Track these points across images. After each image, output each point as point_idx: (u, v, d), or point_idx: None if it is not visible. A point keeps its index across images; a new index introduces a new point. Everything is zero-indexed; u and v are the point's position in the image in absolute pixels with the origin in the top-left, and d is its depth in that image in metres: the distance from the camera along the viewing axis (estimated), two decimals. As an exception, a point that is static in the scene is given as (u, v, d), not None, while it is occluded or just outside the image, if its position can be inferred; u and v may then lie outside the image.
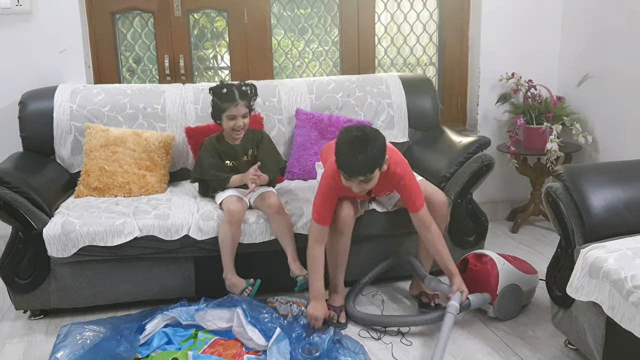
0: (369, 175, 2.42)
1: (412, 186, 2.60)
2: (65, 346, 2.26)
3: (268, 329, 2.39)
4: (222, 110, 2.88)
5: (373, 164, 2.41)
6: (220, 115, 2.90)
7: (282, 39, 3.91)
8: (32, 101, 3.22)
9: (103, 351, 2.23)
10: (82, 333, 2.35)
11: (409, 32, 4.04)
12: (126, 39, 3.73)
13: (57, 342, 2.31)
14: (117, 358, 2.23)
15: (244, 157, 2.98)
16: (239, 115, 2.87)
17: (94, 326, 2.42)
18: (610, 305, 1.93)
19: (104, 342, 2.29)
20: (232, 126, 2.87)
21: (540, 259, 3.31)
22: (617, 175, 2.33)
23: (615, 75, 3.53)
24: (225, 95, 2.87)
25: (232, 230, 2.71)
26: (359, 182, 2.43)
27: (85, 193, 3.04)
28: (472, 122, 4.08)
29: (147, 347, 2.40)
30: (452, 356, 2.42)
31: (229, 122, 2.87)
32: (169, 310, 2.55)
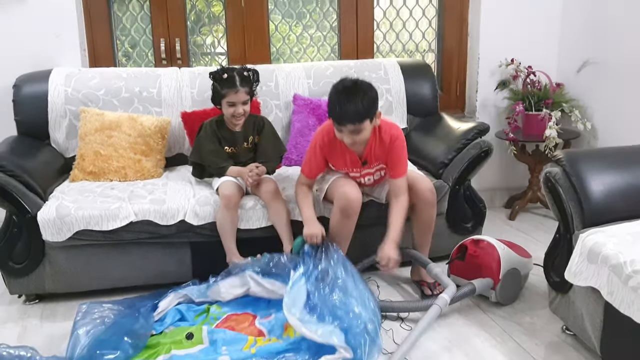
0: (358, 125, 2.45)
1: (402, 154, 2.64)
2: (86, 323, 2.28)
3: (284, 275, 2.41)
4: (221, 96, 2.81)
5: (362, 113, 2.44)
6: (219, 101, 2.84)
7: (279, 23, 3.87)
8: (27, 85, 3.19)
9: (121, 327, 2.26)
10: (101, 311, 2.39)
11: (408, 17, 4.00)
12: (122, 22, 3.69)
13: (77, 319, 2.34)
14: (134, 334, 2.26)
15: (245, 143, 2.94)
16: (239, 102, 2.80)
17: (111, 305, 2.47)
18: (609, 290, 1.91)
19: (122, 319, 2.32)
20: (231, 113, 2.81)
21: (537, 245, 3.29)
22: (616, 161, 2.32)
23: (615, 61, 3.51)
24: (225, 80, 2.80)
25: (229, 214, 2.69)
26: (349, 131, 2.47)
27: (80, 177, 3.01)
28: (470, 109, 4.06)
29: (160, 324, 2.43)
30: (448, 342, 2.41)
31: (228, 108, 2.81)
32: (181, 289, 2.58)
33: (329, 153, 2.69)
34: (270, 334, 2.36)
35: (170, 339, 2.31)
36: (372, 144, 2.63)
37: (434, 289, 2.79)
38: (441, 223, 3.05)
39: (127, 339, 2.20)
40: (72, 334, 2.24)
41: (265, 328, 2.39)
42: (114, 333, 2.21)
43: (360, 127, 2.46)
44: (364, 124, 2.47)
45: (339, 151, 2.65)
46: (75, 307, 2.71)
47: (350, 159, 2.68)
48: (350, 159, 2.68)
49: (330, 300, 2.25)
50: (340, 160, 2.70)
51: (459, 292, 2.56)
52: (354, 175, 2.76)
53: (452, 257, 2.80)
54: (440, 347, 2.38)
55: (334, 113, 2.49)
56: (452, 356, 2.32)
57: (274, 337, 2.34)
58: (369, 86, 2.51)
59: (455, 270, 2.77)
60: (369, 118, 2.47)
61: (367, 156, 2.67)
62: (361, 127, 2.47)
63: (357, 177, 2.76)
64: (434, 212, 2.75)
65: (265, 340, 2.32)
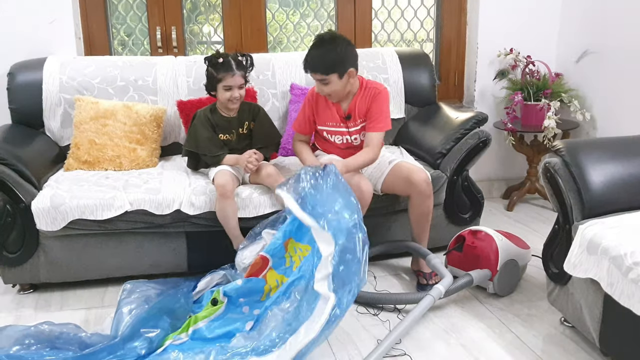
0: (323, 76, 2.54)
1: (382, 107, 2.69)
2: (130, 302, 2.36)
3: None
4: (217, 80, 2.80)
5: (327, 65, 2.53)
6: (215, 85, 2.82)
7: (276, 12, 3.83)
8: (21, 72, 3.15)
9: (162, 307, 2.31)
10: (144, 290, 2.47)
11: (407, 6, 3.97)
12: (117, 10, 3.64)
13: (122, 297, 2.42)
14: (174, 314, 2.31)
15: (240, 129, 2.92)
16: (236, 85, 2.79)
17: (154, 284, 2.55)
18: (609, 282, 1.90)
19: (164, 299, 2.38)
20: (228, 97, 2.80)
21: (535, 236, 3.28)
22: (616, 151, 2.30)
23: (614, 51, 3.48)
24: (221, 65, 2.80)
25: (227, 203, 2.66)
26: (317, 81, 2.60)
27: (74, 166, 2.98)
28: (469, 99, 4.03)
29: (198, 306, 2.45)
30: (446, 333, 2.40)
31: (225, 92, 2.80)
32: (220, 270, 2.62)
33: (316, 107, 2.78)
34: (274, 260, 2.37)
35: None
36: (356, 98, 2.71)
37: (430, 279, 2.78)
38: (439, 214, 3.03)
39: (167, 318, 2.26)
40: (117, 311, 2.32)
41: (268, 254, 2.38)
42: (156, 312, 2.27)
43: (326, 78, 2.56)
44: (329, 76, 2.55)
45: (325, 104, 2.74)
46: (69, 297, 2.73)
47: (336, 113, 2.75)
48: (335, 113, 2.75)
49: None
50: (327, 113, 2.77)
51: (457, 283, 2.54)
52: (342, 132, 2.78)
53: (449, 248, 2.79)
54: (437, 338, 2.37)
55: (304, 61, 2.61)
56: (450, 347, 2.31)
57: (283, 275, 2.35)
58: (344, 42, 2.57)
59: (453, 261, 2.75)
60: (336, 72, 2.54)
61: (350, 110, 2.72)
62: (327, 79, 2.56)
63: (344, 133, 2.78)
64: (431, 203, 2.74)
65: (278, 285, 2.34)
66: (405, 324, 2.32)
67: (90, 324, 2.50)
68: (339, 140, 2.83)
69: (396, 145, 3.44)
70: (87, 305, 2.67)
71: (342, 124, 2.78)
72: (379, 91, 2.70)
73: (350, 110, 2.74)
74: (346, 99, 2.75)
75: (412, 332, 2.40)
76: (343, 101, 2.76)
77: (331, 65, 2.54)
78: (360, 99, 2.72)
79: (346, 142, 2.82)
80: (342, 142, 2.83)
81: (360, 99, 2.71)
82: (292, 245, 2.37)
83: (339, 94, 2.66)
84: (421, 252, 2.78)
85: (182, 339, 2.20)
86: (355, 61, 2.64)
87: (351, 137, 2.80)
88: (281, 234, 2.38)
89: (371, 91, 2.70)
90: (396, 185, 2.76)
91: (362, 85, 2.74)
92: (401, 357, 2.24)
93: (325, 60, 2.53)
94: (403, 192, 2.77)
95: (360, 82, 2.76)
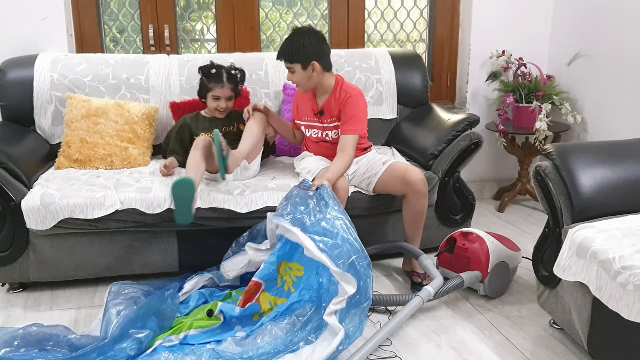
0: (288, 64, 2.70)
1: (354, 112, 2.74)
2: (118, 303, 2.37)
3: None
4: (208, 89, 2.97)
5: (292, 54, 2.67)
6: (205, 94, 3.00)
7: (270, 11, 3.83)
8: (12, 70, 3.13)
9: (150, 308, 2.31)
10: (132, 291, 2.49)
11: (400, 6, 3.97)
12: (110, 7, 3.63)
13: (109, 299, 2.43)
14: (161, 315, 2.31)
15: (228, 127, 3.02)
16: (224, 97, 2.96)
17: (141, 285, 2.57)
18: (598, 285, 1.91)
19: (152, 300, 2.38)
20: (215, 106, 2.98)
21: (526, 238, 3.30)
22: (607, 156, 2.31)
23: (606, 55, 3.50)
24: (213, 75, 2.97)
25: (199, 154, 2.65)
26: (287, 68, 2.74)
27: (65, 165, 2.97)
28: (461, 100, 4.04)
29: (185, 306, 2.48)
30: (436, 334, 2.41)
31: (213, 102, 2.98)
32: (206, 272, 2.65)
33: (300, 98, 2.94)
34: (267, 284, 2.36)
35: (192, 317, 2.37)
36: (331, 98, 2.79)
37: (424, 280, 2.78)
38: (430, 215, 3.04)
39: (155, 319, 2.26)
40: (105, 313, 2.32)
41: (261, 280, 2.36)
42: (145, 313, 2.27)
43: (291, 67, 2.71)
44: (294, 65, 2.70)
45: (306, 99, 2.88)
46: (59, 297, 2.72)
47: (311, 107, 2.86)
48: (310, 107, 2.87)
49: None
50: (305, 107, 2.90)
51: (448, 285, 2.55)
52: (317, 126, 2.87)
53: (441, 249, 2.79)
54: (427, 339, 2.37)
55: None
56: (440, 349, 2.32)
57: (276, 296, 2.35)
58: (314, 36, 2.70)
59: (444, 263, 2.76)
60: (299, 62, 2.69)
61: (324, 107, 2.82)
62: (292, 67, 2.71)
63: (319, 128, 2.87)
64: (426, 202, 2.75)
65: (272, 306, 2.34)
66: (392, 324, 2.32)
67: (80, 324, 2.49)
68: (314, 135, 2.90)
69: (388, 146, 3.44)
70: (77, 305, 2.66)
71: (316, 119, 2.86)
72: (350, 96, 2.76)
73: (324, 107, 2.82)
74: (322, 94, 2.82)
75: (402, 333, 2.41)
76: (319, 97, 2.84)
77: (295, 54, 2.68)
78: (334, 99, 2.79)
79: (320, 137, 2.89)
80: (317, 136, 2.90)
81: (334, 99, 2.79)
82: (284, 266, 2.37)
83: (304, 84, 2.76)
84: (414, 252, 2.79)
85: (173, 341, 2.19)
86: (322, 57, 2.72)
87: (324, 132, 2.87)
88: (275, 259, 2.36)
89: (343, 94, 2.77)
90: (392, 185, 2.78)
91: (337, 86, 2.80)
92: (392, 359, 2.24)
93: (292, 49, 2.67)
94: (399, 191, 2.79)
95: (337, 82, 2.81)
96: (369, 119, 3.40)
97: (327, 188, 2.41)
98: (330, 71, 2.79)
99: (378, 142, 3.48)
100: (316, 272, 2.26)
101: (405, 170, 2.75)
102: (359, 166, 2.88)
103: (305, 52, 2.67)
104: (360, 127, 2.77)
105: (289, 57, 2.70)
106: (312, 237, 2.17)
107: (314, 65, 2.70)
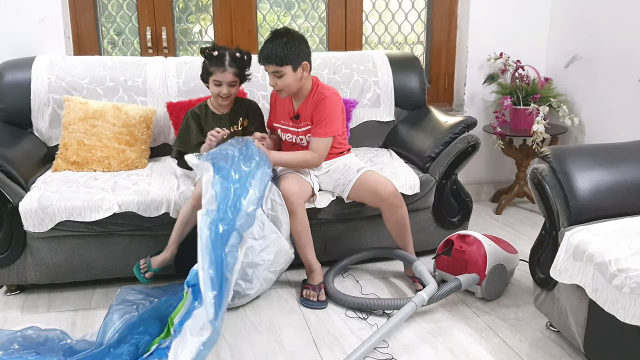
0: (277, 67, 2.57)
1: (325, 114, 2.67)
2: (122, 308, 2.35)
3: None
4: (209, 73, 2.76)
5: (282, 55, 2.55)
6: (207, 78, 2.79)
7: (267, 13, 3.83)
8: (9, 72, 3.13)
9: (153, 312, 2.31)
10: (137, 297, 2.46)
11: (397, 9, 3.98)
12: (107, 9, 3.63)
13: (113, 303, 2.42)
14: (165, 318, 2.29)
15: (233, 127, 2.88)
16: (225, 81, 2.74)
17: (150, 291, 2.56)
18: (594, 288, 1.91)
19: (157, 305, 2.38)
20: (217, 92, 2.76)
21: (523, 240, 3.30)
22: (603, 158, 2.31)
23: (603, 57, 3.51)
24: (214, 58, 2.74)
25: (190, 211, 2.61)
26: (271, 73, 2.61)
27: (63, 167, 2.97)
28: (458, 102, 4.04)
29: None
30: (433, 337, 2.41)
31: (214, 87, 2.76)
32: None
33: (276, 103, 2.88)
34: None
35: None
36: (307, 101, 2.73)
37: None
38: (427, 217, 3.05)
39: (159, 323, 2.26)
40: (106, 317, 2.31)
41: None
42: (147, 317, 2.26)
43: (280, 70, 2.58)
44: (284, 67, 2.58)
45: (282, 103, 2.81)
46: (57, 299, 2.72)
47: (287, 111, 2.80)
48: (286, 111, 2.80)
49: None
50: (281, 110, 2.84)
51: (445, 287, 2.56)
52: (291, 131, 2.81)
53: (438, 252, 2.80)
54: (424, 342, 2.38)
55: (259, 53, 2.63)
56: (437, 351, 2.32)
57: None
58: (298, 37, 2.63)
59: (441, 265, 2.77)
60: (290, 64, 2.58)
61: (299, 111, 2.76)
62: (281, 70, 2.58)
63: (293, 132, 2.82)
64: (404, 211, 2.73)
65: None
66: (384, 330, 2.31)
67: (77, 326, 2.49)
68: (288, 139, 2.85)
69: (385, 148, 3.45)
70: (74, 307, 2.66)
71: (291, 123, 2.81)
72: (324, 97, 2.68)
73: (299, 110, 2.76)
74: (299, 98, 2.76)
75: (399, 335, 2.41)
76: (296, 100, 2.77)
77: (285, 56, 2.56)
78: (309, 102, 2.72)
79: (293, 141, 2.84)
80: (290, 140, 2.85)
81: (309, 101, 2.72)
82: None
83: (291, 88, 2.65)
84: (408, 259, 2.79)
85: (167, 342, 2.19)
86: (309, 56, 2.66)
87: (298, 137, 2.82)
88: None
89: (318, 96, 2.70)
90: (363, 197, 2.75)
91: (313, 88, 2.74)
92: (388, 361, 2.25)
93: (280, 51, 2.56)
94: (371, 204, 2.76)
95: (314, 84, 2.75)
96: (366, 121, 3.46)
97: (252, 142, 2.48)
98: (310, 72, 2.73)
99: (375, 144, 3.49)
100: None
101: (375, 183, 2.69)
102: (332, 169, 2.82)
103: (296, 52, 2.58)
104: (333, 129, 2.70)
105: (279, 60, 2.56)
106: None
107: (304, 65, 2.64)
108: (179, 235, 2.64)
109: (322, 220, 2.85)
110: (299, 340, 2.40)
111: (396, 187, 2.73)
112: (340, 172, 2.79)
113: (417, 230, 2.95)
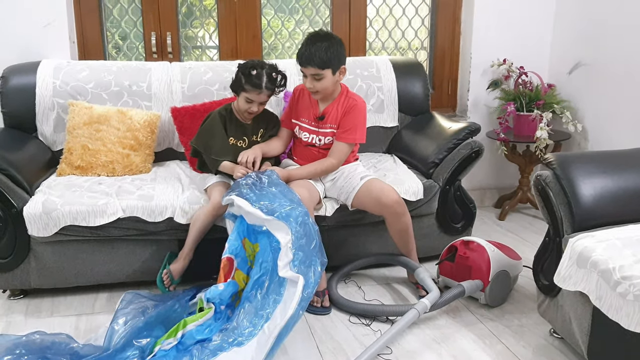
0: (319, 70, 2.58)
1: (355, 121, 2.71)
2: (128, 313, 2.37)
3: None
4: (242, 89, 2.69)
5: (324, 59, 2.57)
6: (238, 91, 2.73)
7: (272, 18, 3.84)
8: (14, 76, 3.14)
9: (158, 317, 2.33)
10: (143, 302, 2.47)
11: (401, 14, 3.98)
12: (112, 14, 3.64)
13: (119, 307, 2.43)
14: (169, 321, 2.32)
15: (253, 136, 2.84)
16: (257, 102, 2.71)
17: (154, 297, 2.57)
18: (598, 295, 1.91)
19: (161, 309, 2.40)
20: (246, 108, 2.72)
21: (527, 246, 3.30)
22: (607, 165, 2.31)
23: (607, 64, 3.51)
24: (252, 77, 2.66)
25: (209, 219, 2.65)
26: (311, 75, 2.61)
27: (67, 172, 2.98)
28: (462, 108, 4.05)
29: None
30: (437, 344, 2.41)
31: (245, 103, 2.71)
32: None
33: (299, 100, 2.83)
34: (238, 260, 2.44)
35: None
36: (335, 103, 2.74)
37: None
38: (431, 223, 3.05)
39: (162, 326, 2.27)
40: (112, 322, 2.32)
41: (231, 254, 2.44)
42: (153, 321, 2.27)
43: (321, 73, 2.59)
44: (325, 71, 2.59)
45: (307, 102, 2.79)
46: (60, 303, 2.72)
47: (312, 110, 2.78)
48: (311, 110, 2.79)
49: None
50: (305, 108, 2.81)
51: (449, 294, 2.56)
52: (311, 130, 2.80)
53: (441, 258, 2.80)
54: (427, 348, 2.38)
55: (299, 55, 2.63)
56: (440, 357, 2.32)
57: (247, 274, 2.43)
58: (338, 41, 2.64)
59: (445, 271, 2.77)
60: (330, 67, 2.60)
61: (325, 112, 2.76)
62: (322, 73, 2.59)
63: (312, 132, 2.80)
64: (407, 219, 2.72)
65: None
66: (387, 337, 2.31)
67: (81, 330, 2.50)
68: (305, 138, 2.82)
69: (389, 153, 3.45)
70: (78, 311, 2.67)
71: (314, 123, 2.79)
72: (356, 103, 2.72)
73: (325, 112, 2.75)
74: (326, 99, 2.75)
75: (403, 341, 2.41)
76: (322, 101, 2.77)
77: (328, 59, 2.57)
78: (338, 105, 2.73)
79: (308, 141, 2.82)
80: (307, 139, 2.82)
81: (339, 105, 2.73)
82: (248, 245, 2.44)
83: (328, 91, 2.68)
84: (410, 265, 2.80)
85: (172, 343, 2.19)
86: (345, 60, 2.69)
87: (317, 137, 2.80)
88: (235, 234, 2.44)
89: (349, 101, 2.72)
90: (367, 204, 2.74)
91: (342, 92, 2.75)
92: (391, 367, 2.25)
93: (323, 55, 2.56)
94: (375, 212, 2.76)
95: (343, 89, 2.77)
96: (370, 126, 3.45)
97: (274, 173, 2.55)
98: None
99: (379, 149, 3.49)
100: (270, 246, 2.32)
101: (380, 191, 2.68)
102: (338, 176, 2.82)
103: (338, 56, 2.60)
104: (358, 137, 2.74)
105: (322, 63, 2.56)
106: (247, 197, 2.38)
107: (342, 69, 2.66)
108: (195, 241, 2.68)
109: (325, 226, 2.84)
110: (302, 346, 2.40)
111: (400, 193, 2.74)
112: (344, 180, 2.78)
113: (420, 236, 2.95)
